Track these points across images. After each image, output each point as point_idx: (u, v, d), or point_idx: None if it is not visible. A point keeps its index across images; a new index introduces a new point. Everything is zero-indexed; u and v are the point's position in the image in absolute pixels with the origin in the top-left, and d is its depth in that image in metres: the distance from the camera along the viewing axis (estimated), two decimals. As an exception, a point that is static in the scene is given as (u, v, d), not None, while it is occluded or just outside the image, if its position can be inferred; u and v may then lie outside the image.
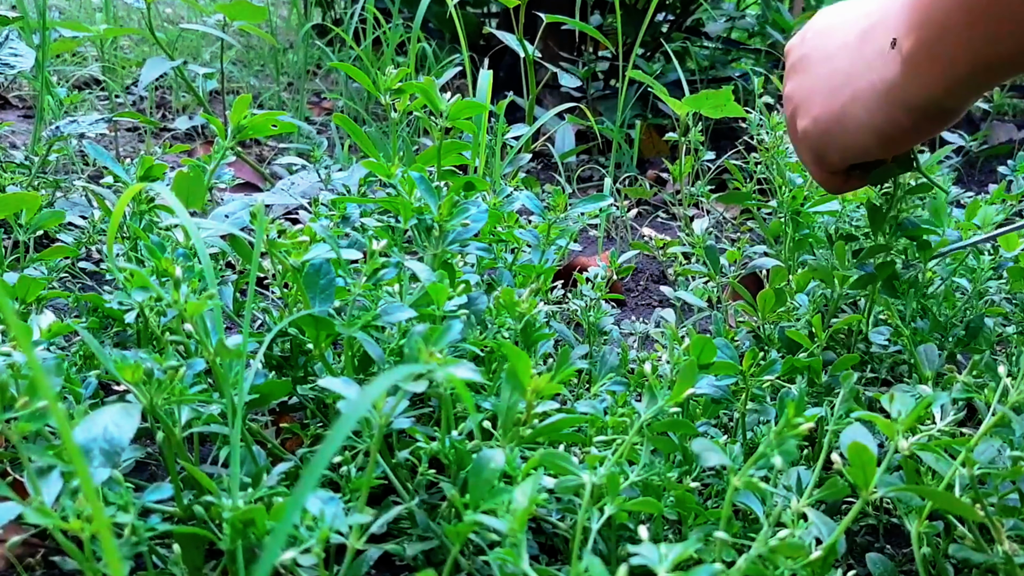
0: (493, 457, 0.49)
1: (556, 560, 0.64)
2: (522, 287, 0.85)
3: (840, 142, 0.70)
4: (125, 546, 0.46)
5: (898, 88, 0.63)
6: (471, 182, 0.78)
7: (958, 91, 0.60)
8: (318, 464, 0.31)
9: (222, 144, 0.82)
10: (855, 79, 0.66)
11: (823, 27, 0.72)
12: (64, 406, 0.54)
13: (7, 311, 0.32)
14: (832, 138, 0.70)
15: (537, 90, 1.54)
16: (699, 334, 0.65)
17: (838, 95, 0.68)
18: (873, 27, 0.65)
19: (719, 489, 0.66)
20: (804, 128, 0.72)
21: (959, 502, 0.51)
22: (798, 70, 0.74)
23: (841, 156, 0.71)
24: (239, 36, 2.11)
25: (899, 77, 0.62)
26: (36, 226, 0.85)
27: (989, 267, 0.88)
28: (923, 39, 0.59)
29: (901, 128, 0.65)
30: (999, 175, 1.27)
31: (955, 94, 0.61)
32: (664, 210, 1.65)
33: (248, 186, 1.45)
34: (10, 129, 1.56)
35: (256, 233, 0.56)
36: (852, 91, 0.67)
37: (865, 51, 0.66)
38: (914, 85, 0.61)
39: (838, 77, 0.68)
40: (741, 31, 2.43)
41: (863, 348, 0.87)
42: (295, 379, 0.71)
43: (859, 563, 0.67)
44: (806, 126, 0.72)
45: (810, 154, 0.74)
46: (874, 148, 0.68)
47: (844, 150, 0.70)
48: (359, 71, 0.89)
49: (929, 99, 0.62)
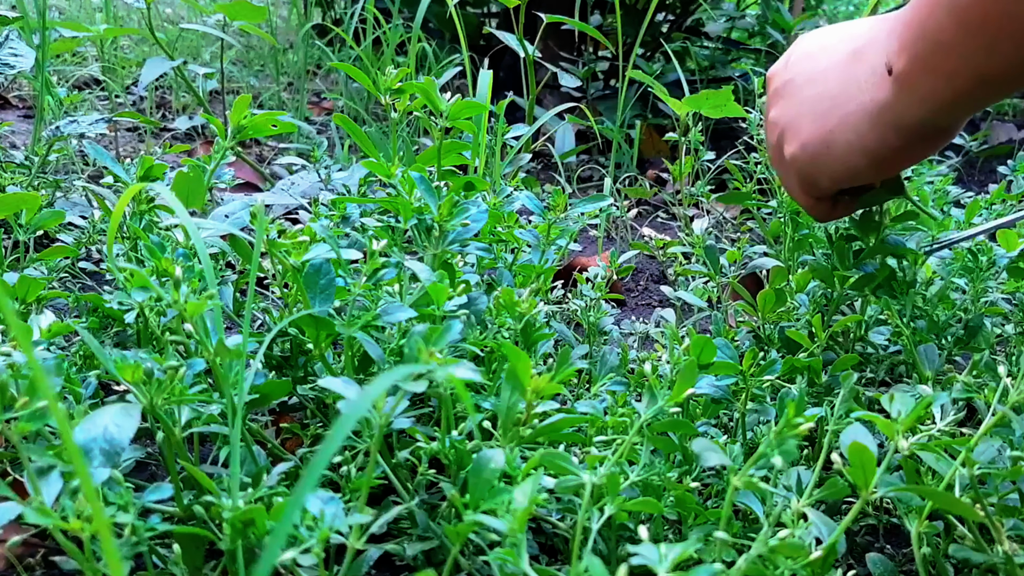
0: (493, 457, 0.49)
1: (556, 560, 0.64)
2: (522, 287, 0.85)
3: (830, 166, 0.68)
4: (125, 546, 0.46)
5: (889, 109, 0.62)
6: (471, 182, 0.78)
7: (953, 109, 0.60)
8: (318, 464, 0.31)
9: (222, 144, 0.82)
10: (844, 102, 0.65)
11: (808, 51, 0.71)
12: (64, 406, 0.54)
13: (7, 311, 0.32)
14: (821, 163, 0.69)
15: (537, 90, 1.54)
16: (699, 334, 0.65)
17: (827, 118, 0.67)
18: (862, 49, 0.64)
19: (719, 489, 0.66)
20: (792, 153, 0.71)
21: (959, 502, 0.51)
22: (782, 95, 0.72)
23: (831, 181, 0.70)
24: (239, 36, 2.11)
25: (891, 97, 0.61)
26: (36, 226, 0.85)
27: (988, 267, 0.88)
28: (918, 56, 0.58)
29: (892, 149, 0.64)
30: (999, 175, 1.27)
31: (950, 112, 0.60)
32: (664, 210, 1.65)
33: (248, 186, 1.45)
34: (10, 129, 1.56)
35: (256, 233, 0.56)
36: (841, 114, 0.66)
37: (854, 73, 0.64)
38: (907, 105, 0.61)
39: (826, 100, 0.67)
40: (741, 31, 2.43)
41: (862, 348, 0.87)
42: (295, 379, 0.71)
43: (859, 563, 0.67)
44: (794, 151, 0.70)
45: (798, 180, 0.72)
46: (865, 171, 0.67)
47: (834, 174, 0.69)
48: (359, 71, 0.89)
49: (922, 118, 0.61)
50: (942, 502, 0.52)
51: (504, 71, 2.02)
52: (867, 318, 0.85)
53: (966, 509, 0.51)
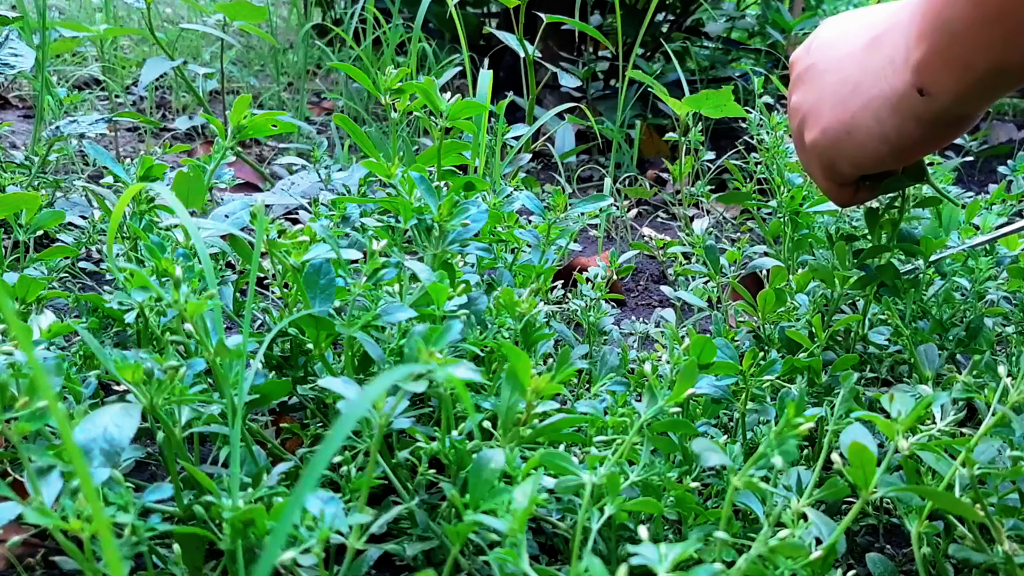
0: (493, 457, 0.49)
1: (556, 560, 0.64)
2: (522, 287, 0.85)
3: (851, 153, 0.69)
4: (125, 546, 0.46)
5: (908, 97, 0.62)
6: (471, 182, 0.78)
7: (971, 97, 0.60)
8: (318, 464, 0.31)
9: (222, 144, 0.82)
10: (865, 89, 0.66)
11: (830, 37, 0.71)
12: (64, 406, 0.54)
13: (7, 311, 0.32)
14: (842, 148, 0.69)
15: (537, 90, 1.54)
16: (699, 334, 0.65)
17: (848, 105, 0.67)
18: (881, 36, 0.65)
19: (719, 489, 0.66)
20: (813, 139, 0.71)
21: (959, 502, 0.51)
22: (804, 80, 0.72)
23: (852, 167, 0.70)
24: (239, 36, 2.11)
25: (909, 86, 0.62)
26: (36, 226, 0.85)
27: (988, 267, 0.88)
28: (934, 47, 0.58)
29: (912, 138, 0.64)
30: (999, 175, 1.27)
31: (968, 101, 0.60)
32: (664, 210, 1.65)
33: (248, 186, 1.45)
34: (10, 129, 1.56)
35: (256, 233, 0.56)
36: (862, 101, 0.66)
37: (874, 60, 0.65)
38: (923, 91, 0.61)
39: (847, 87, 0.67)
40: (741, 31, 2.43)
41: (863, 348, 0.87)
42: (295, 379, 0.71)
43: (859, 563, 0.67)
44: (815, 137, 0.71)
45: (819, 166, 0.73)
46: (886, 158, 0.67)
47: (855, 160, 0.69)
48: (359, 71, 0.89)
49: (941, 107, 0.61)
50: (942, 502, 0.52)
51: (504, 71, 2.02)
52: (871, 314, 0.85)
53: (966, 509, 0.51)
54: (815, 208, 0.95)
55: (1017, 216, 1.26)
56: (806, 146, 0.73)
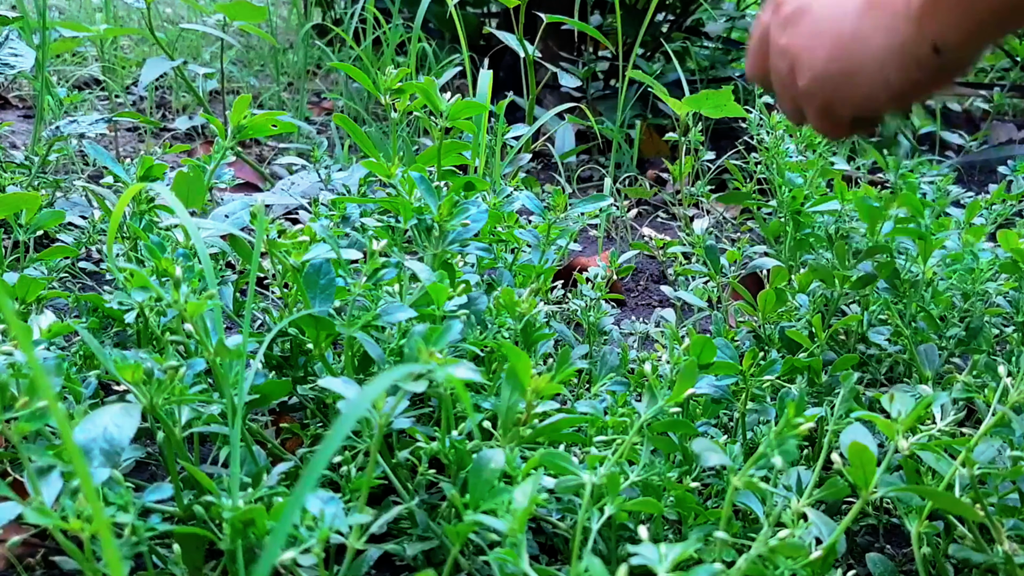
0: (493, 457, 0.49)
1: (556, 560, 0.64)
2: (522, 287, 0.85)
3: (850, 98, 0.69)
4: (125, 546, 0.46)
5: (911, 43, 0.63)
6: (471, 182, 0.78)
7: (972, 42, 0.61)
8: (318, 464, 0.32)
9: (222, 144, 0.82)
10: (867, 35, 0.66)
11: None
12: (64, 406, 0.54)
13: (7, 311, 0.32)
14: (843, 94, 0.69)
15: (537, 90, 1.54)
16: (699, 334, 0.65)
17: (849, 51, 0.67)
18: None
19: (719, 489, 0.66)
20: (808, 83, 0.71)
21: (959, 502, 0.51)
22: (794, 22, 0.72)
23: (851, 109, 0.70)
24: (239, 36, 2.11)
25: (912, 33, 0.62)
26: (36, 226, 0.85)
27: (988, 267, 0.88)
28: None
29: (914, 83, 0.65)
30: (999, 175, 1.27)
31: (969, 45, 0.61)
32: (664, 210, 1.65)
33: (248, 186, 1.45)
34: (10, 129, 1.57)
35: (256, 233, 0.56)
36: (863, 48, 0.66)
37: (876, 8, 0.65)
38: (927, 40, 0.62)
39: (846, 34, 0.67)
40: (741, 31, 2.43)
41: (863, 348, 0.87)
42: (295, 379, 0.71)
43: (859, 563, 0.67)
44: (810, 82, 0.71)
45: (813, 108, 0.73)
46: (886, 102, 0.68)
47: (854, 104, 0.69)
48: (359, 71, 0.89)
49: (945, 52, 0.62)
50: (942, 502, 0.52)
51: (504, 71, 2.02)
52: (870, 313, 0.85)
53: (966, 509, 0.51)
54: (815, 208, 0.95)
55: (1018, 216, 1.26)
56: (798, 89, 0.73)
